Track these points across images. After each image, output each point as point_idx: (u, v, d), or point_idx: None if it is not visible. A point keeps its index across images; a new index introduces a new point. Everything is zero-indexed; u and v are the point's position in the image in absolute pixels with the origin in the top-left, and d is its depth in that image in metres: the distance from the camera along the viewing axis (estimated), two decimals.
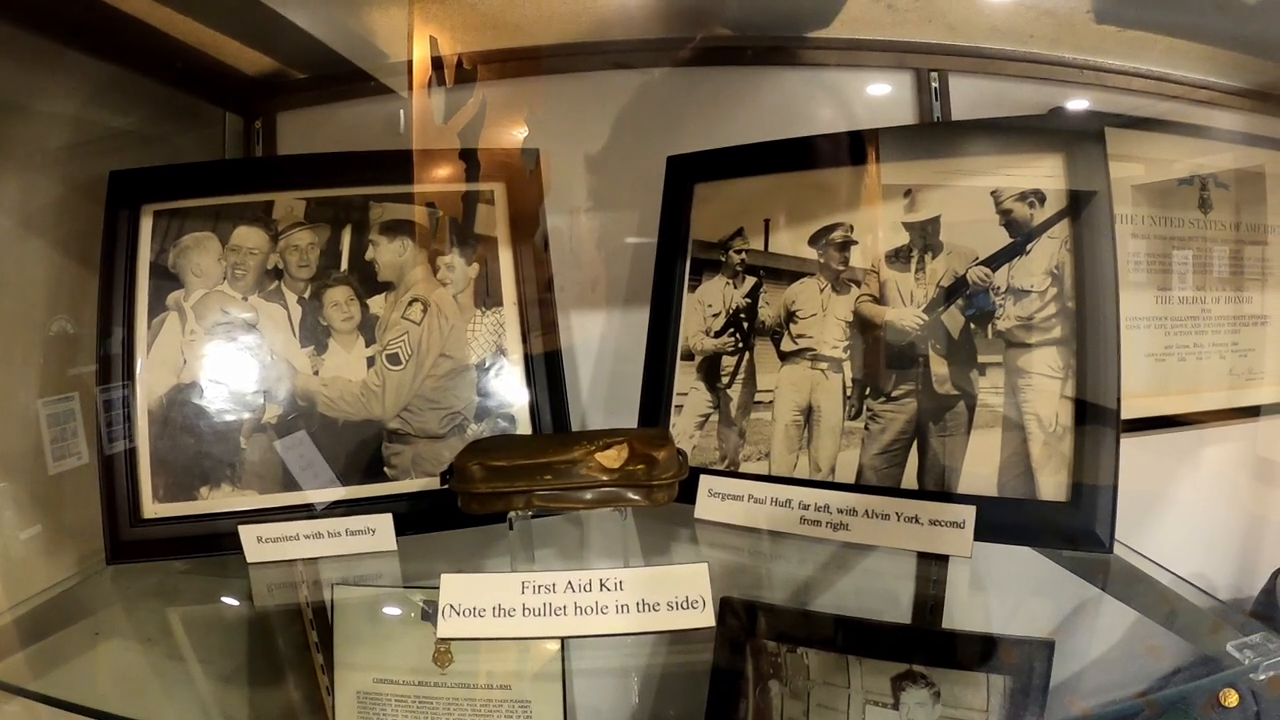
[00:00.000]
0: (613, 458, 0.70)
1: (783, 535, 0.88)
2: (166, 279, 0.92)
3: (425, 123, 0.99)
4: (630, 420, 0.99)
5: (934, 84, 1.05)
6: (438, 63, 0.97)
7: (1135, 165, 1.06)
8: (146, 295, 0.92)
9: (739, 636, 0.85)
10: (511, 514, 0.72)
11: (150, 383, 0.91)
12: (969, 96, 1.07)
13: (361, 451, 0.91)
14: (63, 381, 0.92)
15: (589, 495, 0.70)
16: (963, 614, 0.85)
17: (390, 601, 0.92)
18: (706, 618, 0.68)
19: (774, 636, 0.86)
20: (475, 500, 0.71)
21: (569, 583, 0.69)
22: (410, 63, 0.98)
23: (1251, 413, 1.10)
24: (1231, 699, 0.90)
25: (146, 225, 0.93)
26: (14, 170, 0.90)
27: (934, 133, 0.97)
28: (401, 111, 1.05)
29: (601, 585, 0.69)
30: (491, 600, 0.69)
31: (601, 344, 1.06)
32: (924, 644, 0.82)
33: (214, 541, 0.89)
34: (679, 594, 0.68)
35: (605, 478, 0.70)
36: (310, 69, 1.08)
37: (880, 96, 1.07)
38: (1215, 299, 1.09)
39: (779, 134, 0.97)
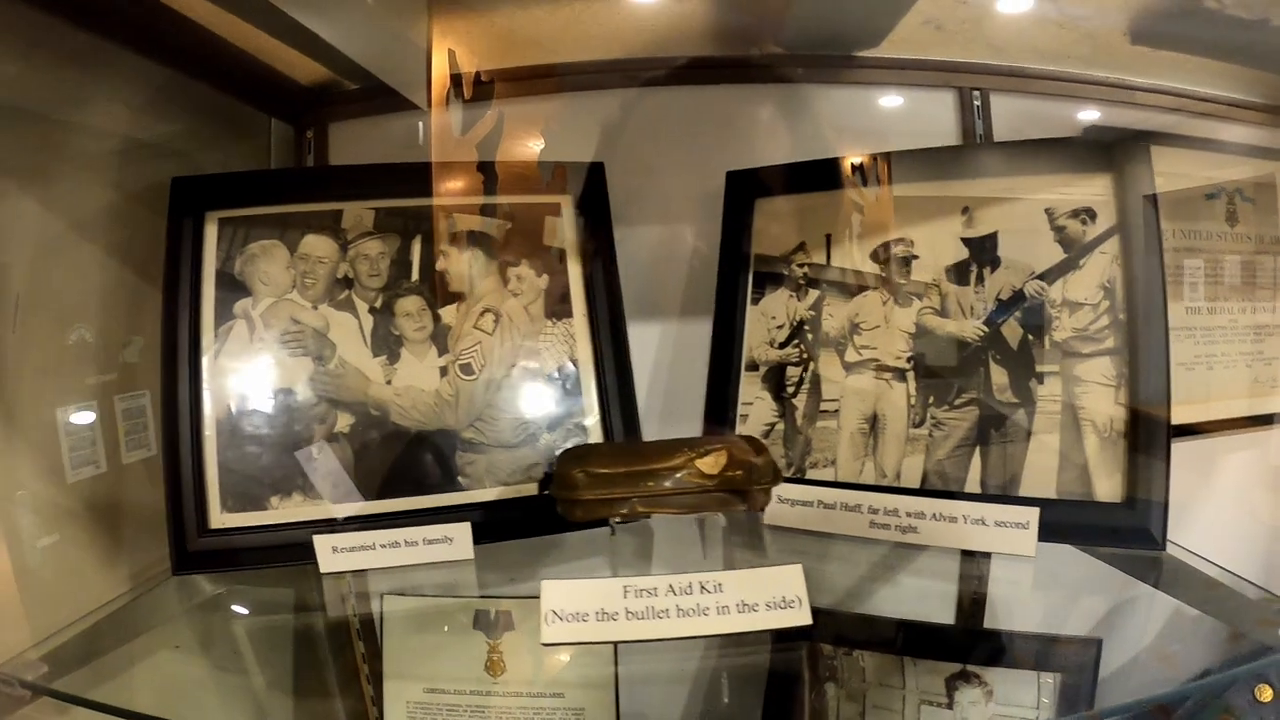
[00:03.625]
0: (711, 464, 0.76)
1: (833, 537, 0.94)
2: (233, 287, 0.96)
3: (444, 136, 1.04)
4: (688, 430, 1.05)
5: (976, 102, 1.13)
6: (466, 78, 1.02)
7: (1165, 180, 1.15)
8: (213, 303, 0.95)
9: (796, 639, 0.90)
10: (613, 520, 0.78)
11: (217, 391, 0.94)
12: (1008, 114, 1.15)
13: (436, 461, 0.95)
14: (95, 389, 0.94)
15: (690, 500, 0.76)
16: (1015, 612, 0.91)
17: (441, 611, 0.95)
18: (803, 616, 0.73)
19: (830, 639, 0.91)
20: (579, 507, 0.76)
21: (670, 586, 0.73)
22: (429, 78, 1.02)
23: None
24: (1266, 694, 0.98)
25: (211, 232, 0.96)
26: (63, 174, 0.92)
27: (989, 152, 1.04)
28: (420, 124, 1.09)
29: (701, 588, 0.73)
30: (594, 605, 0.73)
31: (658, 355, 1.11)
32: (977, 644, 0.89)
33: (285, 552, 0.92)
34: (775, 594, 0.73)
35: (705, 483, 0.75)
36: (362, 79, 1.12)
37: (924, 114, 1.15)
38: (1241, 308, 1.18)
39: (824, 151, 1.04)
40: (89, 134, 0.95)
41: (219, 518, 0.93)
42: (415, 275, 0.98)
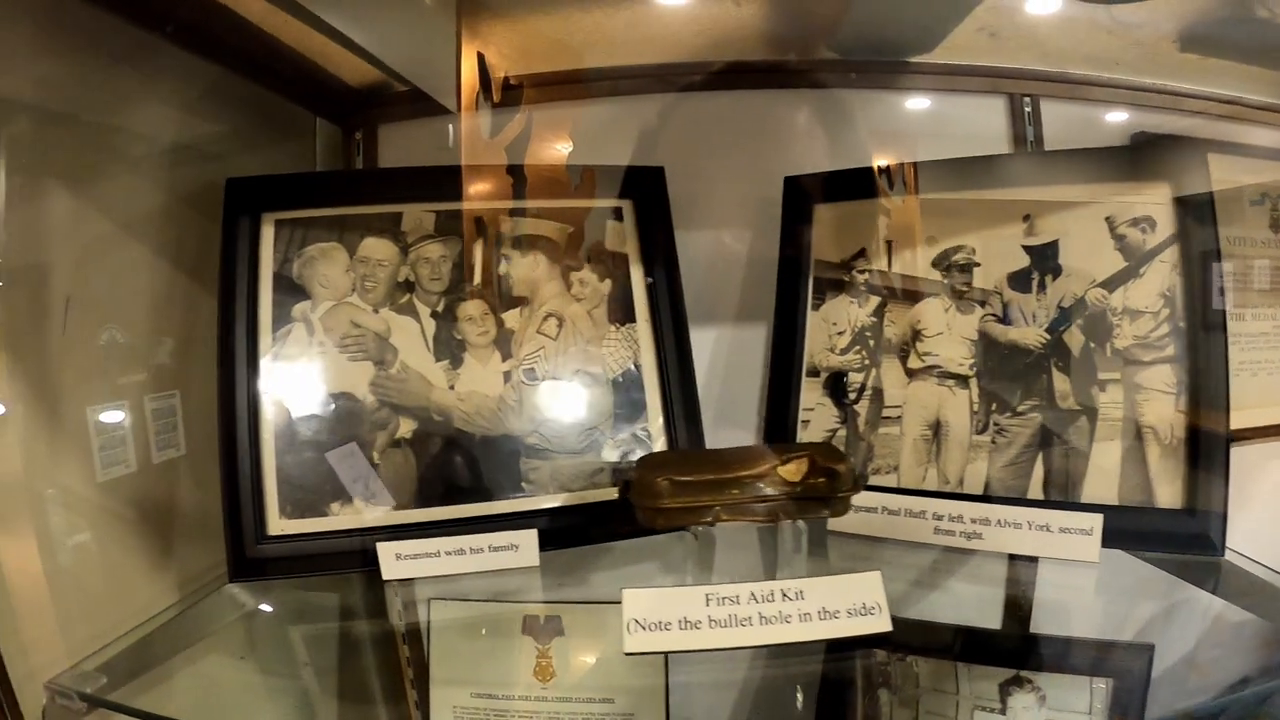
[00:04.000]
0: (794, 471, 0.77)
1: (883, 542, 0.95)
2: (291, 290, 0.96)
3: (474, 139, 1.04)
4: (743, 435, 1.06)
5: (1027, 109, 1.15)
6: (495, 83, 1.02)
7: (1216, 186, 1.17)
8: (270, 306, 0.95)
9: (848, 645, 0.91)
10: (695, 527, 0.78)
11: (276, 396, 0.94)
12: (1057, 121, 1.16)
13: (499, 467, 0.95)
14: (126, 389, 0.93)
15: (773, 508, 0.77)
16: (1065, 617, 0.93)
17: (489, 616, 0.96)
18: (884, 623, 0.74)
19: (883, 645, 0.92)
20: (661, 515, 0.77)
21: (752, 594, 0.74)
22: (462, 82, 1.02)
23: None
24: None
25: (268, 234, 0.96)
26: (108, 174, 0.91)
27: (1050, 159, 1.06)
28: (450, 127, 1.10)
29: (783, 595, 0.74)
30: (677, 614, 0.73)
31: (711, 361, 1.12)
32: (1030, 649, 0.90)
33: (346, 558, 0.92)
34: (856, 601, 0.74)
35: (790, 491, 0.76)
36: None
37: (975, 120, 1.16)
38: None
39: (874, 157, 1.05)
40: (136, 134, 0.94)
41: (278, 524, 0.93)
42: (477, 279, 0.98)
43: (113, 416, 0.89)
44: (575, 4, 1.00)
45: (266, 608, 0.93)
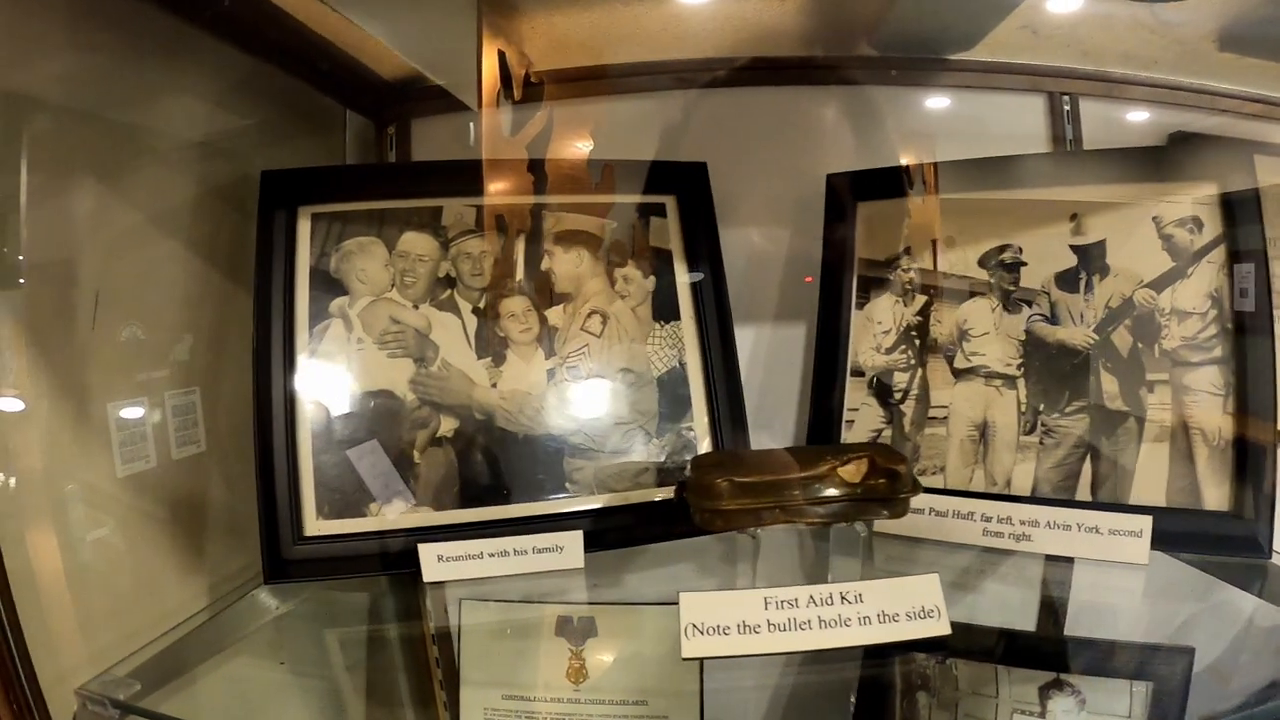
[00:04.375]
0: (853, 472, 0.76)
1: (920, 543, 0.95)
2: (328, 285, 0.94)
3: (494, 137, 1.03)
4: (782, 434, 1.05)
5: (1066, 107, 1.14)
6: (516, 78, 1.01)
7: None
8: (307, 302, 0.94)
9: (890, 648, 0.91)
10: (753, 529, 0.78)
11: (314, 394, 0.92)
12: (1095, 119, 1.16)
13: (542, 466, 0.94)
14: (146, 385, 0.91)
15: (833, 509, 0.76)
16: (1103, 619, 0.93)
17: (521, 617, 0.95)
18: (943, 626, 0.74)
19: (923, 648, 0.92)
20: (721, 516, 0.76)
21: (811, 597, 0.73)
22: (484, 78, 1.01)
23: None
24: None
25: (304, 228, 0.95)
26: (135, 168, 0.90)
27: (1095, 159, 1.06)
28: (471, 125, 1.09)
29: (842, 598, 0.74)
30: (735, 618, 0.72)
31: (751, 360, 1.11)
32: (1071, 652, 0.90)
33: (385, 560, 0.91)
34: (915, 604, 0.74)
35: (850, 492, 0.76)
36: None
37: (1014, 119, 1.16)
38: None
39: (911, 155, 1.05)
40: (165, 127, 0.93)
41: (315, 524, 0.91)
42: (519, 275, 0.97)
43: (133, 412, 0.88)
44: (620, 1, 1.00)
45: (301, 611, 0.91)
